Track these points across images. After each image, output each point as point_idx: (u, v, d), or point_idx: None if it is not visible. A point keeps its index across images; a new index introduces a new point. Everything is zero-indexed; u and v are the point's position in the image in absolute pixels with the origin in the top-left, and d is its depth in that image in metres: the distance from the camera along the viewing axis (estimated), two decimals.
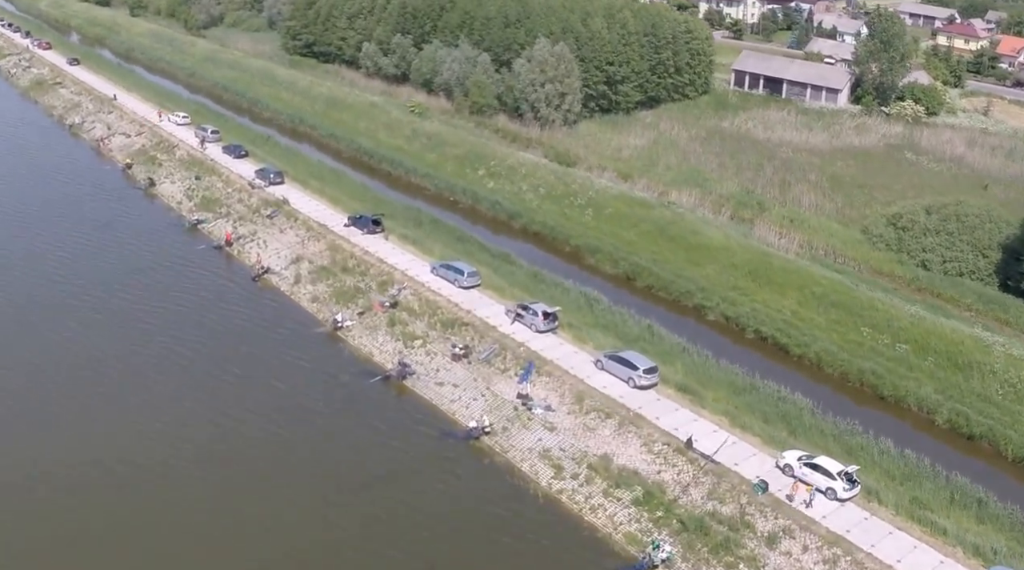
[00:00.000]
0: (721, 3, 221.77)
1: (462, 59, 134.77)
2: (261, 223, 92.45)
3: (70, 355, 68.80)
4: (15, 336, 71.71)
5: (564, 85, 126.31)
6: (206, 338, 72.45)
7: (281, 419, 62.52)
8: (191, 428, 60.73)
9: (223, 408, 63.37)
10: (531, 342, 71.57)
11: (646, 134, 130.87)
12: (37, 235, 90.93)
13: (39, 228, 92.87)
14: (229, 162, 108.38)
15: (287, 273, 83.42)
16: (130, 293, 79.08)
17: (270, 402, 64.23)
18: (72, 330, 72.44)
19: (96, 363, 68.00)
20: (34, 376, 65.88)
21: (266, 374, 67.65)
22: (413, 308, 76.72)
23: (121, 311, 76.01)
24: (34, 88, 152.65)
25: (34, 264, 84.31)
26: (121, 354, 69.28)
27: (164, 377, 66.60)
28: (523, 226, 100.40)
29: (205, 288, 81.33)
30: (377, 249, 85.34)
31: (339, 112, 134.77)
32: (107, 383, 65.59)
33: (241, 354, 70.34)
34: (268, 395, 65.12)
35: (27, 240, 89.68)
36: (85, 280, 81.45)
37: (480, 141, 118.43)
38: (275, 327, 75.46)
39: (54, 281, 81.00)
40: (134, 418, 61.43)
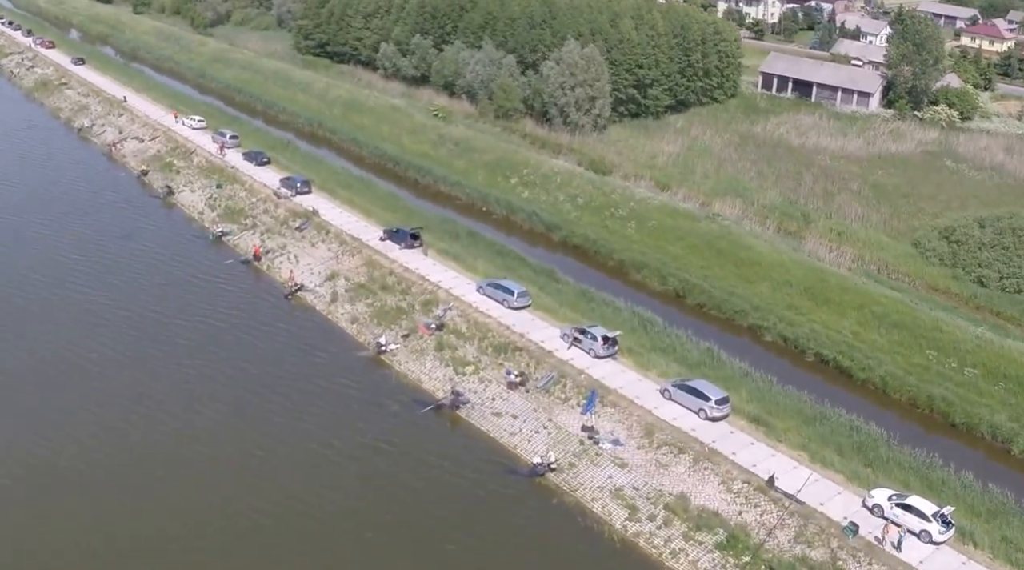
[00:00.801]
0: (741, 3, 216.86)
1: (486, 61, 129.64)
2: (290, 236, 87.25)
3: (109, 378, 64.81)
4: (48, 358, 67.20)
5: (594, 89, 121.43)
6: (244, 361, 67.93)
7: (332, 453, 58.14)
8: (240, 460, 56.68)
9: (271, 440, 59.03)
10: (591, 369, 66.94)
11: (679, 140, 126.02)
12: (58, 247, 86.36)
13: (59, 239, 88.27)
14: (251, 169, 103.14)
15: (322, 291, 78.27)
16: (161, 310, 74.62)
17: (319, 434, 59.79)
18: (106, 349, 68.37)
19: (137, 385, 64.05)
20: (72, 400, 61.64)
21: (312, 403, 63.12)
22: (461, 331, 71.70)
23: (155, 330, 71.61)
24: (39, 89, 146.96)
25: (59, 278, 79.85)
26: (160, 376, 65.22)
27: (209, 403, 62.46)
28: (562, 239, 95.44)
29: (237, 306, 76.55)
30: (417, 265, 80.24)
31: (359, 116, 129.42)
32: (149, 408, 61.56)
33: (283, 380, 65.72)
34: (316, 426, 60.63)
35: (49, 252, 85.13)
36: (113, 296, 76.90)
37: (510, 147, 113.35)
38: (315, 350, 70.50)
39: (81, 297, 76.58)
40: (178, 447, 57.35)
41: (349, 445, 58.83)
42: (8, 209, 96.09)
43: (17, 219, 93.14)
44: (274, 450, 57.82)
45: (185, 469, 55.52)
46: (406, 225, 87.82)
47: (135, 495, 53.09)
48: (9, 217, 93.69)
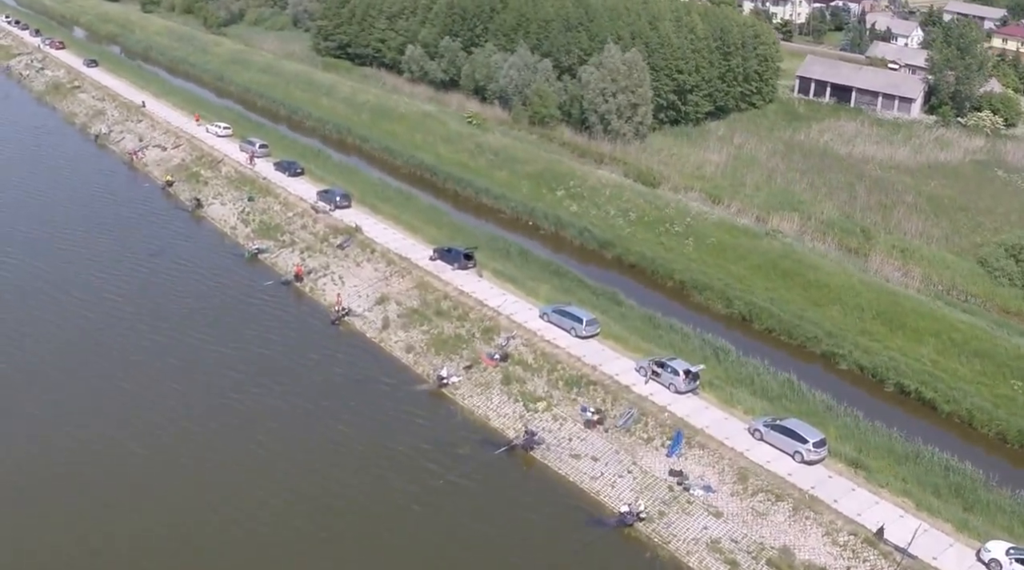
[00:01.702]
0: (768, 2, 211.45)
1: (520, 65, 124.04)
2: (332, 254, 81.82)
3: (154, 408, 60.43)
4: (87, 386, 62.59)
5: (636, 95, 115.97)
6: (297, 394, 63.06)
7: (400, 499, 53.59)
8: (309, 505, 52.25)
9: (338, 484, 54.57)
10: (673, 406, 62.03)
11: (723, 149, 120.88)
12: (86, 264, 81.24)
13: (86, 255, 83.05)
14: (284, 181, 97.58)
15: (372, 316, 72.83)
16: (202, 334, 69.70)
17: (388, 477, 55.36)
18: (146, 379, 63.67)
19: (183, 421, 59.39)
20: (114, 432, 57.33)
21: (375, 443, 58.36)
22: (527, 362, 66.38)
23: (197, 358, 66.72)
24: (51, 92, 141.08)
25: (91, 298, 74.81)
26: (208, 410, 60.80)
27: (267, 442, 58.05)
28: (617, 256, 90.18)
29: (282, 331, 71.46)
30: (473, 288, 74.85)
31: (390, 122, 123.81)
32: (200, 445, 57.15)
33: (342, 417, 60.85)
34: (383, 468, 56.01)
35: (77, 270, 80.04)
36: (150, 319, 71.85)
37: (553, 157, 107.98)
38: (370, 383, 65.51)
39: (116, 320, 71.65)
40: (236, 493, 52.77)
41: (418, 489, 54.29)
42: (31, 221, 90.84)
43: (40, 232, 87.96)
44: (343, 493, 53.65)
45: (253, 515, 50.99)
46: (456, 243, 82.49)
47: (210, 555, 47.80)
48: (33, 230, 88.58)
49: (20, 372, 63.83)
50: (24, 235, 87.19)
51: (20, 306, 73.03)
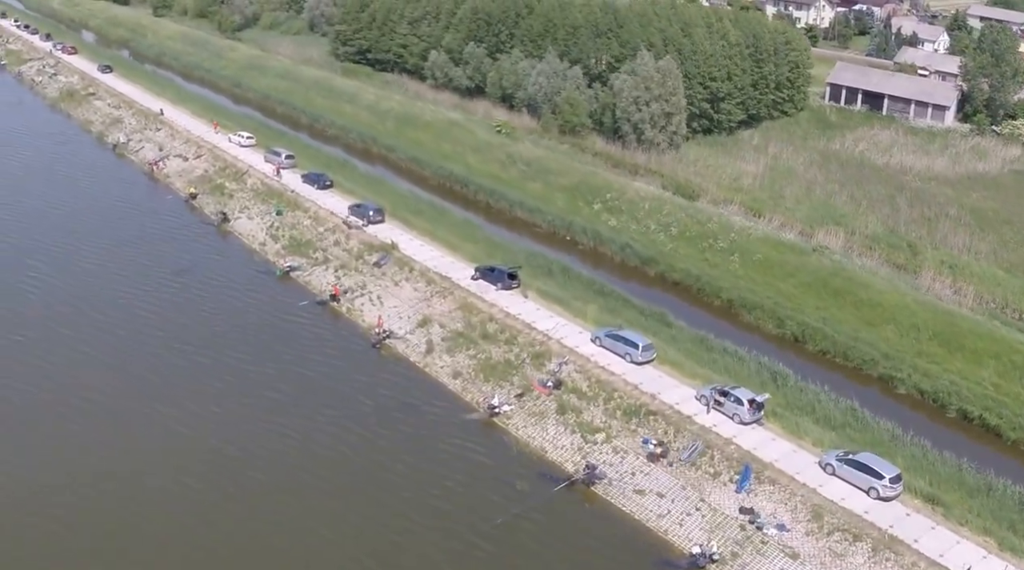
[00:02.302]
0: (791, 7, 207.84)
1: (549, 72, 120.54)
2: (369, 273, 78.42)
3: (194, 433, 57.88)
4: (121, 411, 59.68)
5: (671, 104, 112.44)
6: (345, 421, 60.41)
7: (459, 539, 50.54)
8: (367, 540, 49.87)
9: (397, 518, 52.13)
10: (739, 437, 58.70)
11: (759, 159, 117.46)
12: (112, 281, 78.32)
13: (111, 272, 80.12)
14: (313, 194, 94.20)
15: (415, 339, 69.38)
16: (239, 356, 67.10)
17: (443, 514, 52.42)
18: (185, 401, 61.14)
19: (226, 445, 56.87)
20: (150, 462, 54.40)
21: (430, 475, 55.48)
22: (582, 390, 63.00)
23: (235, 380, 64.17)
24: (65, 99, 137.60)
25: (121, 317, 72.19)
26: (251, 436, 58.14)
27: (314, 469, 55.67)
28: (660, 274, 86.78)
29: (321, 354, 68.43)
30: (519, 310, 71.45)
31: (415, 131, 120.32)
32: (243, 473, 54.40)
33: (392, 445, 58.05)
34: (437, 503, 53.17)
35: (103, 287, 77.23)
36: (183, 339, 68.99)
37: (587, 169, 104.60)
38: (418, 410, 62.52)
39: (149, 339, 69.02)
40: (286, 525, 50.09)
41: (480, 526, 51.34)
42: (54, 233, 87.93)
43: (64, 246, 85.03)
44: (404, 528, 51.19)
45: (307, 548, 48.45)
46: (495, 260, 79.41)
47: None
48: (56, 243, 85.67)
49: (48, 396, 60.89)
50: (47, 248, 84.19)
51: (47, 325, 70.10)
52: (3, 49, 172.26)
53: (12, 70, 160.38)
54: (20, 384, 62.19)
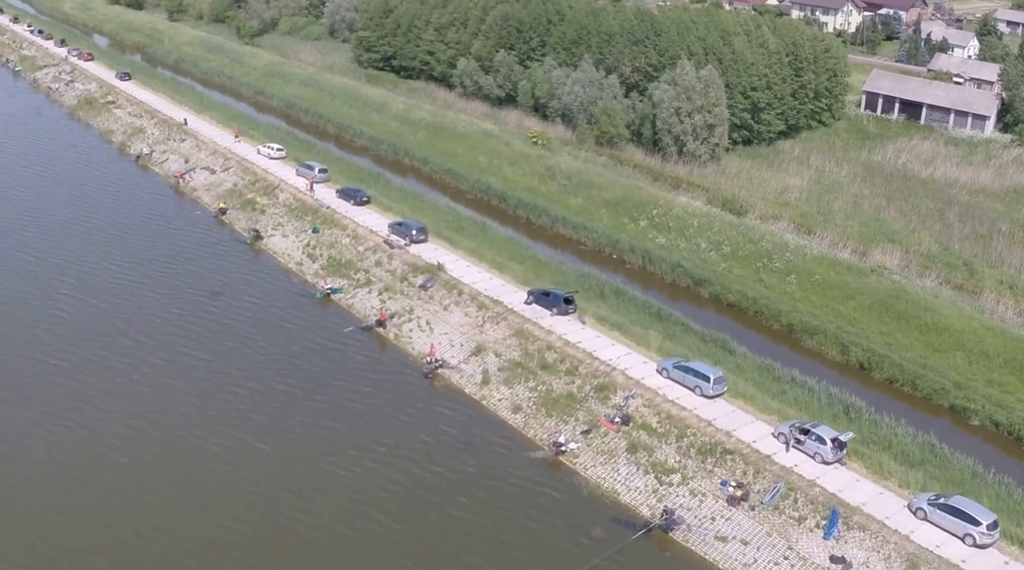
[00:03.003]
0: (817, 11, 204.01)
1: (585, 81, 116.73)
2: (415, 296, 74.54)
3: (244, 473, 54.49)
4: (164, 449, 56.31)
5: (713, 115, 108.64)
6: (401, 458, 57.09)
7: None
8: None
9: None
10: (823, 479, 55.05)
11: (801, 171, 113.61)
12: (147, 301, 75.40)
13: (147, 291, 77.30)
14: (349, 210, 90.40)
15: (470, 369, 65.59)
16: (284, 386, 63.75)
17: (526, 562, 49.34)
18: (234, 436, 58.23)
19: (280, 487, 53.37)
20: (199, 504, 50.90)
21: (502, 520, 52.22)
22: (652, 426, 59.25)
23: (284, 412, 60.81)
24: (83, 108, 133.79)
25: (157, 343, 68.74)
26: (308, 473, 55.05)
27: (381, 517, 52.27)
28: (714, 295, 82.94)
29: (371, 384, 65.11)
30: (578, 338, 67.61)
31: (448, 142, 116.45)
32: (305, 520, 50.85)
33: (457, 487, 54.66)
34: (516, 550, 50.12)
35: (138, 309, 73.93)
36: (225, 367, 65.99)
37: (630, 182, 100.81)
38: (479, 448, 59.12)
39: (189, 367, 65.98)
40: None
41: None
42: (82, 250, 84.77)
43: (93, 264, 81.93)
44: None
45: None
46: (544, 281, 76.11)
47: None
48: (85, 261, 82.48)
49: (85, 430, 57.54)
50: (78, 265, 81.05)
51: (84, 349, 67.05)
52: (17, 55, 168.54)
53: (27, 77, 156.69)
54: (60, 412, 58.99)
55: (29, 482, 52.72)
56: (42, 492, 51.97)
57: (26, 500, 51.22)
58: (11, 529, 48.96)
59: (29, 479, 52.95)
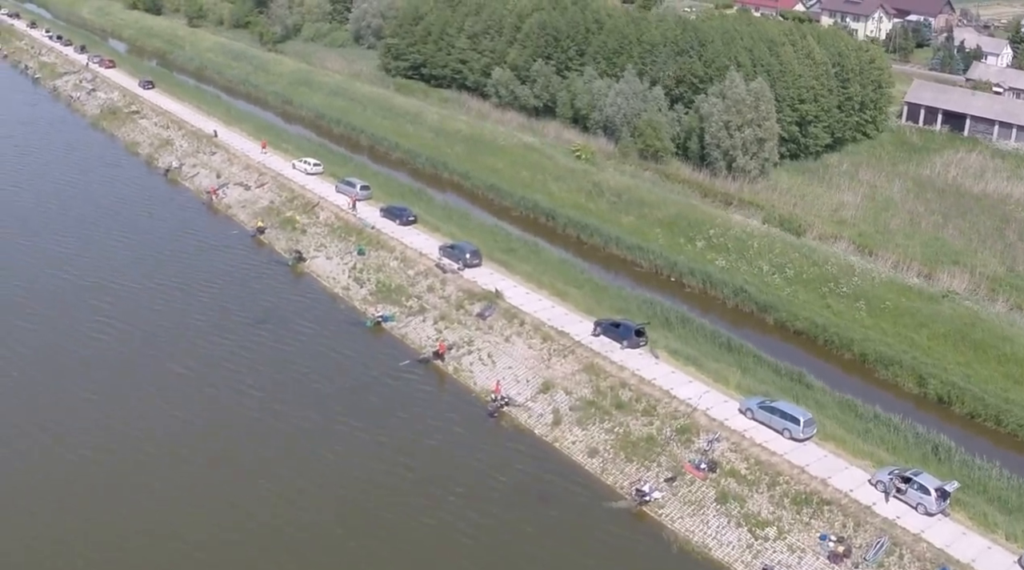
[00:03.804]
0: (848, 18, 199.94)
1: (629, 93, 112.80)
2: (474, 326, 70.63)
3: (307, 513, 51.30)
4: (221, 488, 53.15)
5: (763, 129, 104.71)
6: (475, 507, 53.32)
7: None
8: None
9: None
10: (928, 532, 51.28)
11: (854, 188, 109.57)
12: (194, 327, 71.97)
13: (191, 316, 73.82)
14: (395, 230, 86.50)
15: (538, 408, 61.66)
16: (341, 422, 60.20)
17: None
18: (296, 474, 54.86)
19: (347, 536, 49.81)
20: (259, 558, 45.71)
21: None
22: (740, 473, 55.31)
23: (344, 451, 57.52)
24: (107, 117, 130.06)
25: (211, 372, 65.58)
26: (372, 520, 51.62)
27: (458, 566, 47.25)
28: (779, 322, 79.02)
29: (435, 423, 61.52)
30: (653, 374, 63.66)
31: (488, 156, 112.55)
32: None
33: (539, 542, 50.71)
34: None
35: (183, 334, 70.62)
36: (284, 400, 62.61)
37: (683, 200, 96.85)
38: (557, 496, 55.49)
39: (248, 400, 62.73)
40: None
41: None
42: (122, 269, 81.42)
43: (133, 284, 78.75)
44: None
45: None
46: (604, 307, 72.62)
47: None
48: (125, 281, 79.11)
49: (139, 460, 54.23)
50: (115, 289, 77.61)
51: (128, 380, 63.47)
52: (36, 62, 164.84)
53: (46, 84, 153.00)
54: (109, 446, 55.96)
55: (91, 526, 49.42)
56: (105, 535, 48.61)
57: (89, 544, 47.38)
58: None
59: (90, 523, 49.62)
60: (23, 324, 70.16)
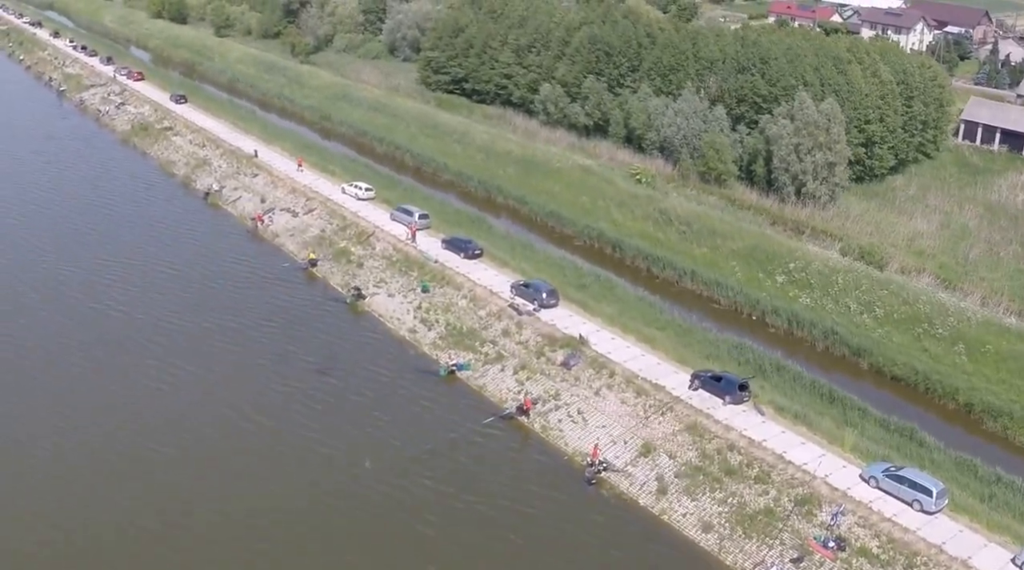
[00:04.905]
0: (889, 30, 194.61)
1: (689, 112, 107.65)
2: (559, 377, 65.41)
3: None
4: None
5: (834, 153, 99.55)
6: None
7: None
8: None
9: None
10: None
11: (927, 214, 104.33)
12: (259, 375, 67.22)
13: (255, 361, 69.04)
14: (460, 265, 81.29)
15: (640, 474, 56.55)
16: (441, 488, 55.43)
17: None
18: (395, 547, 49.80)
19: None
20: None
21: None
22: (871, 551, 50.40)
23: (448, 521, 52.89)
24: (138, 134, 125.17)
25: (283, 427, 60.66)
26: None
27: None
28: (875, 367, 73.77)
29: (525, 490, 56.46)
30: (761, 434, 58.58)
31: (542, 178, 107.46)
32: None
33: None
34: None
35: (252, 383, 65.99)
36: (359, 463, 56.83)
37: (756, 229, 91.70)
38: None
39: (335, 461, 57.42)
40: None
41: None
42: (177, 306, 76.79)
43: (191, 324, 74.09)
44: None
45: None
46: (692, 352, 67.67)
47: None
48: (182, 319, 74.57)
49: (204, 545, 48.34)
50: (169, 329, 72.76)
51: (197, 442, 58.96)
52: (60, 73, 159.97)
53: (72, 97, 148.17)
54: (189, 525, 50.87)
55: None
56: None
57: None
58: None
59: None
60: (74, 374, 65.05)
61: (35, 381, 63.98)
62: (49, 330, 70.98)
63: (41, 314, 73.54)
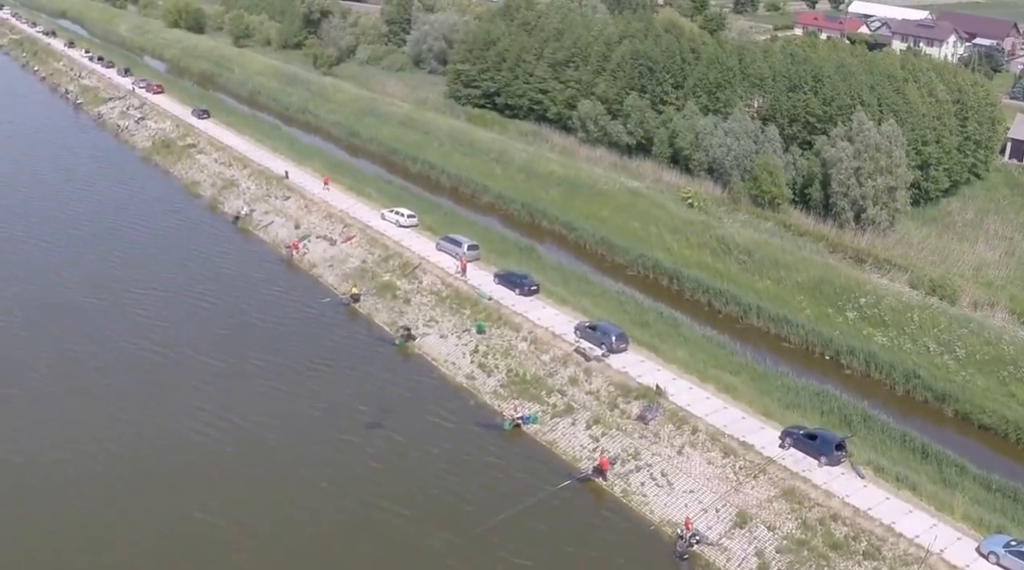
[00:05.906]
0: (921, 42, 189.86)
1: (740, 132, 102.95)
2: (636, 433, 60.63)
3: None
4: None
5: (895, 176, 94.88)
6: None
7: None
8: None
9: None
10: None
11: (990, 241, 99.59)
12: (305, 423, 62.97)
13: (301, 408, 64.56)
14: (516, 303, 76.47)
15: (737, 548, 51.84)
16: (520, 561, 50.54)
17: None
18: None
19: None
20: None
21: None
22: None
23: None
24: (159, 151, 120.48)
25: (351, 493, 55.61)
26: None
27: None
28: (961, 414, 69.11)
29: (615, 564, 51.37)
30: (864, 501, 54.14)
31: (588, 202, 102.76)
32: None
33: None
34: None
35: (299, 433, 61.74)
36: (438, 526, 53.24)
37: (821, 260, 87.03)
38: None
39: (403, 529, 52.94)
40: None
41: None
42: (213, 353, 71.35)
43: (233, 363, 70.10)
44: None
45: None
46: (772, 401, 63.15)
47: None
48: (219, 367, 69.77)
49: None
50: (209, 373, 68.19)
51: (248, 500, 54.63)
52: (77, 86, 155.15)
53: (90, 111, 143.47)
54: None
55: None
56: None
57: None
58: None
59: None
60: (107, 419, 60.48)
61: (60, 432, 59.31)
62: (86, 367, 66.53)
63: (69, 354, 68.82)
